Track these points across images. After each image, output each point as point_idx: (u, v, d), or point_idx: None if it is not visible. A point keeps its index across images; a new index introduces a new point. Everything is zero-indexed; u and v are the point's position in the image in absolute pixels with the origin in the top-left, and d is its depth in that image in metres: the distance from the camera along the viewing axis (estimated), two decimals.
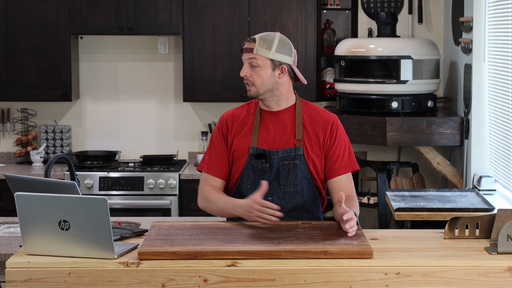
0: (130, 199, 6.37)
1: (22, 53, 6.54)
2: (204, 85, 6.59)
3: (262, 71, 3.64)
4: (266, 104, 3.71)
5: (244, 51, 3.66)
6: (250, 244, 3.17)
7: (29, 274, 3.06)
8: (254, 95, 3.67)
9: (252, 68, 3.64)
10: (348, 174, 3.71)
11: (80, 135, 6.97)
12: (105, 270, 3.05)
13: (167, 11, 6.49)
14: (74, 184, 3.29)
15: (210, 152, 3.78)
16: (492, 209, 4.67)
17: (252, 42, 3.65)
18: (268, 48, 3.64)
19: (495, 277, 3.07)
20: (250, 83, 3.66)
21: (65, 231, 3.07)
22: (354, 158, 3.74)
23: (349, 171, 3.71)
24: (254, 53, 3.63)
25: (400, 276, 3.06)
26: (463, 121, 5.82)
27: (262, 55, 3.63)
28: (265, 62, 3.64)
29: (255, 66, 3.63)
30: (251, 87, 3.66)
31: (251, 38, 3.67)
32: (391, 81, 5.99)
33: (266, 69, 3.64)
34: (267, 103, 3.71)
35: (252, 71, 3.64)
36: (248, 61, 3.65)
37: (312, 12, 6.50)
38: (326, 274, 3.05)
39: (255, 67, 3.63)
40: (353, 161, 3.73)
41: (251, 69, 3.65)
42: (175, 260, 3.08)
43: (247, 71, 3.65)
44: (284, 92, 3.72)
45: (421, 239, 3.40)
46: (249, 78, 3.65)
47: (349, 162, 3.71)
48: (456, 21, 6.09)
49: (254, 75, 3.64)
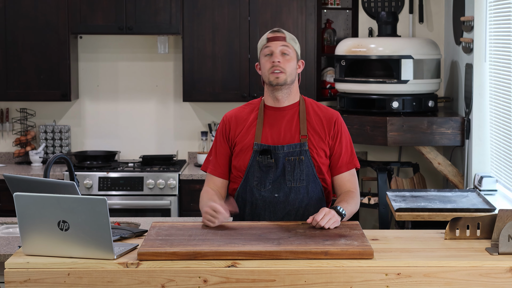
0: (130, 200, 6.36)
1: (21, 52, 6.53)
2: (204, 85, 6.58)
3: (291, 61, 3.71)
4: (279, 96, 3.73)
5: (275, 39, 3.70)
6: (250, 245, 3.17)
7: (28, 275, 3.05)
8: (282, 82, 3.70)
9: (283, 56, 3.69)
10: (351, 171, 3.76)
11: (80, 135, 6.96)
12: (104, 270, 3.05)
13: (167, 11, 6.49)
14: (73, 184, 3.28)
15: (215, 153, 3.81)
16: (493, 209, 4.67)
17: (280, 32, 3.72)
18: (293, 40, 3.74)
19: (496, 277, 3.07)
20: (280, 70, 3.68)
21: (64, 231, 3.07)
22: (356, 155, 3.79)
23: (351, 168, 3.76)
24: (287, 42, 3.70)
25: (401, 277, 3.05)
26: (464, 121, 5.81)
27: (292, 45, 3.71)
28: (294, 53, 3.72)
29: (286, 54, 3.69)
30: (280, 74, 3.69)
31: (277, 29, 3.73)
32: (391, 81, 5.99)
33: (294, 59, 3.72)
34: (281, 95, 3.73)
35: (283, 59, 3.69)
36: (281, 48, 3.69)
37: (312, 12, 6.50)
38: (326, 275, 3.05)
39: (286, 55, 3.70)
40: (355, 159, 3.78)
41: (282, 57, 3.69)
42: (174, 260, 3.08)
43: (280, 58, 3.68)
44: (295, 88, 3.78)
45: (422, 240, 3.40)
46: (280, 65, 3.68)
47: (351, 159, 3.77)
48: (457, 20, 6.09)
49: (285, 63, 3.69)
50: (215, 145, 3.82)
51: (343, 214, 3.50)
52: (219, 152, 3.79)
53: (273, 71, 3.68)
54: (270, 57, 3.69)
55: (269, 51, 3.70)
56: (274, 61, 3.67)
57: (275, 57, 3.68)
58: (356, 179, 3.78)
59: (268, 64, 3.69)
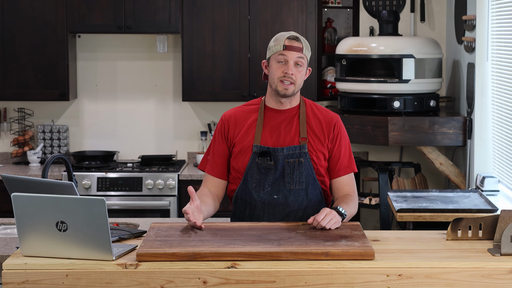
0: (129, 200, 6.35)
1: (19, 52, 6.51)
2: (203, 84, 6.57)
3: (303, 71, 3.69)
4: (283, 101, 3.73)
5: (293, 49, 3.65)
6: (250, 246, 3.16)
7: (26, 276, 3.05)
8: (290, 94, 3.68)
9: (296, 67, 3.65)
10: (349, 175, 3.77)
11: (78, 135, 6.96)
12: (103, 271, 3.05)
13: (166, 10, 6.47)
14: (71, 185, 3.28)
15: (213, 152, 3.80)
16: (496, 210, 4.67)
17: (298, 41, 3.67)
18: (308, 49, 3.71)
19: (499, 278, 3.06)
20: (291, 81, 3.65)
21: (62, 232, 3.07)
22: (354, 160, 3.80)
23: (349, 172, 3.77)
24: (303, 53, 3.67)
25: (402, 278, 3.05)
26: (466, 121, 5.81)
27: (307, 55, 3.69)
28: (306, 62, 3.70)
29: (299, 65, 3.66)
30: (289, 86, 3.67)
31: (294, 37, 3.67)
32: (393, 80, 5.98)
33: (305, 69, 3.70)
34: (285, 101, 3.73)
35: (296, 70, 3.65)
36: (296, 59, 3.66)
37: (313, 11, 6.49)
38: (327, 276, 3.05)
39: (299, 66, 3.66)
40: (353, 163, 3.80)
41: (295, 68, 3.65)
42: (174, 261, 3.08)
43: (294, 70, 3.65)
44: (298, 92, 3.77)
45: (423, 241, 3.40)
46: (292, 77, 3.65)
47: (350, 163, 3.78)
48: (459, 19, 6.08)
49: (297, 75, 3.66)
50: (213, 144, 3.81)
51: (344, 215, 3.50)
52: (217, 152, 3.79)
53: (283, 80, 3.65)
54: (283, 65, 3.66)
55: (284, 59, 3.66)
56: (288, 72, 3.64)
57: (289, 68, 3.64)
58: (354, 183, 3.79)
59: (279, 72, 3.66)
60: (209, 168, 3.78)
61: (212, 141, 3.82)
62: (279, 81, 3.65)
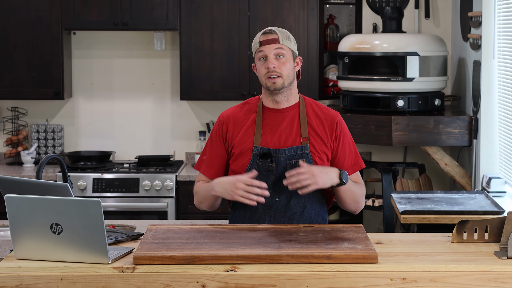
0: (125, 202, 6.34)
1: (12, 49, 6.52)
2: (202, 82, 6.58)
3: (287, 62, 3.65)
4: (278, 99, 3.70)
5: (268, 42, 3.64)
6: (250, 248, 3.16)
7: (20, 280, 3.05)
8: (280, 87, 3.65)
9: (278, 59, 3.63)
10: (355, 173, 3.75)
11: (73, 135, 6.96)
12: (99, 275, 3.05)
13: (164, 6, 6.48)
14: (66, 186, 3.28)
15: (210, 153, 3.78)
16: (502, 212, 4.67)
17: (273, 33, 3.66)
18: (288, 39, 3.67)
19: (506, 282, 3.05)
20: (277, 75, 3.63)
21: (57, 234, 3.07)
22: (359, 155, 3.79)
23: (357, 170, 3.75)
24: (281, 43, 3.64)
25: (406, 282, 3.04)
26: (471, 120, 5.82)
27: (287, 45, 3.65)
28: (289, 53, 3.66)
29: (281, 56, 3.64)
30: (277, 79, 3.64)
31: (269, 30, 3.67)
32: (396, 79, 5.99)
33: (290, 60, 3.66)
34: (280, 98, 3.70)
35: (278, 62, 3.63)
36: (275, 51, 3.63)
37: (314, 7, 6.51)
38: (329, 280, 3.04)
39: (281, 57, 3.64)
40: (359, 159, 3.77)
41: (277, 60, 3.63)
42: (172, 265, 3.07)
43: (275, 62, 3.63)
44: (294, 88, 3.74)
45: (428, 243, 3.40)
46: (276, 70, 3.63)
47: (356, 160, 3.76)
48: (465, 16, 6.10)
49: (281, 66, 3.64)
50: (210, 145, 3.78)
51: (344, 176, 3.52)
52: (214, 153, 3.76)
53: (269, 76, 3.64)
54: (265, 61, 3.66)
55: (263, 55, 3.66)
56: (269, 66, 3.63)
57: (269, 62, 3.63)
58: (361, 178, 3.79)
59: (263, 69, 3.66)
60: (204, 168, 3.77)
61: (208, 141, 3.79)
62: (266, 78, 3.65)
